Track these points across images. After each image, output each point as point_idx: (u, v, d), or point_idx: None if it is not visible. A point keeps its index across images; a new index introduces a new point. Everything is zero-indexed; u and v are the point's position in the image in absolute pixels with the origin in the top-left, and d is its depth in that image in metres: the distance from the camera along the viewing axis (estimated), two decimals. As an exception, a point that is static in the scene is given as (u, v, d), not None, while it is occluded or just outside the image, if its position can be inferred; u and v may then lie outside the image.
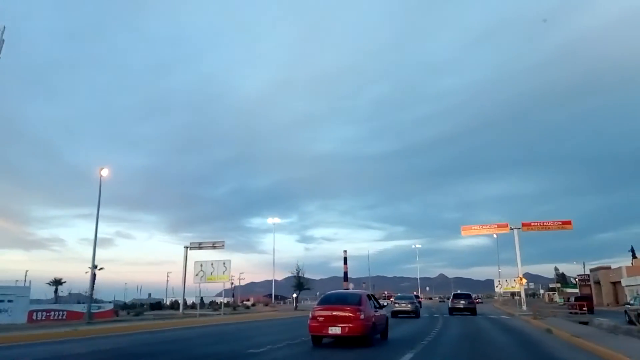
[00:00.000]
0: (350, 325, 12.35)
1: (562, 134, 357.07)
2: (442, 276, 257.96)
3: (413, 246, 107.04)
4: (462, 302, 34.20)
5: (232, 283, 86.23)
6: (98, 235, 31.05)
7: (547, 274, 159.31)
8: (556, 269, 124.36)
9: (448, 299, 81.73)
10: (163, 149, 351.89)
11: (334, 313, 12.67)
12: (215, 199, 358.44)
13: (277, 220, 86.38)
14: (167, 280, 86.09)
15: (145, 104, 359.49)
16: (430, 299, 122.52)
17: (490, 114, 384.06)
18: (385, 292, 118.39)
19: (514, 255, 44.61)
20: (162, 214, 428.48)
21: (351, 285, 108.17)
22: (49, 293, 59.15)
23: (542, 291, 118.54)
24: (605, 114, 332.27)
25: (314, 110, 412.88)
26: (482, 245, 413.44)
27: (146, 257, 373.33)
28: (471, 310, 33.51)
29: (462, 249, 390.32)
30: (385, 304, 33.46)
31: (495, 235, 65.10)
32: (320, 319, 12.75)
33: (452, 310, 34.02)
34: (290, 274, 61.72)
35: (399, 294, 39.67)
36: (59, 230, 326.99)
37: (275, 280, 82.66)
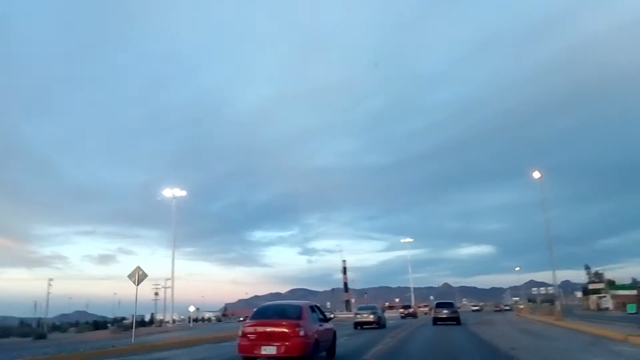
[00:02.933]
0: (287, 343, 10.27)
1: (562, 143, 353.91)
2: (446, 285, 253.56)
3: (408, 255, 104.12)
4: (445, 311, 33.25)
5: (156, 293, 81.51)
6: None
7: (549, 281, 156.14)
8: (588, 267, 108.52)
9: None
10: (161, 164, 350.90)
11: (268, 329, 10.54)
12: (216, 213, 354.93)
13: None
14: (156, 296, 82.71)
15: (144, 120, 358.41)
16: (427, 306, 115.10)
17: (486, 124, 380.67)
18: (387, 304, 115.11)
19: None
20: (162, 229, 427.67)
21: (349, 297, 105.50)
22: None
23: (579, 294, 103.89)
24: (607, 123, 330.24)
25: (311, 123, 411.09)
26: (484, 254, 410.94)
27: (149, 273, 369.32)
28: (455, 320, 32.65)
29: (465, 257, 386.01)
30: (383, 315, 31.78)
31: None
32: (252, 336, 10.60)
33: (436, 320, 33.02)
34: (295, 287, 60.97)
35: (361, 305, 37.82)
36: (61, 248, 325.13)
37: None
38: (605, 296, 78.37)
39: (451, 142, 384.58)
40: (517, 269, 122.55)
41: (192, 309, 75.61)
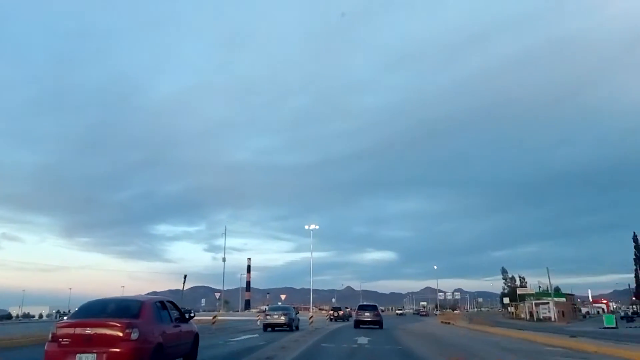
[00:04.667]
0: (113, 350, 7.77)
1: (464, 159, 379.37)
2: (349, 288, 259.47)
3: (302, 256, 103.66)
4: (367, 314, 32.18)
5: None
6: None
7: (445, 288, 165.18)
8: (505, 272, 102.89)
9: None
10: (63, 147, 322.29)
11: (89, 331, 7.88)
12: (119, 203, 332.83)
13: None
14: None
15: (47, 98, 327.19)
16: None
17: (403, 134, 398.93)
18: (348, 308, 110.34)
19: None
20: (56, 216, 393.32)
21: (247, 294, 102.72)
22: None
23: (506, 300, 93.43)
24: (501, 143, 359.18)
25: (231, 117, 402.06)
26: (386, 260, 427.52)
27: (37, 263, 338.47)
28: (378, 323, 31.61)
29: (369, 262, 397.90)
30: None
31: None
32: (65, 341, 7.88)
33: (358, 323, 31.76)
34: (197, 284, 57.55)
35: (271, 305, 35.31)
36: None
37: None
38: (547, 303, 72.54)
39: (367, 149, 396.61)
40: (435, 267, 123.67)
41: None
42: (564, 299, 79.45)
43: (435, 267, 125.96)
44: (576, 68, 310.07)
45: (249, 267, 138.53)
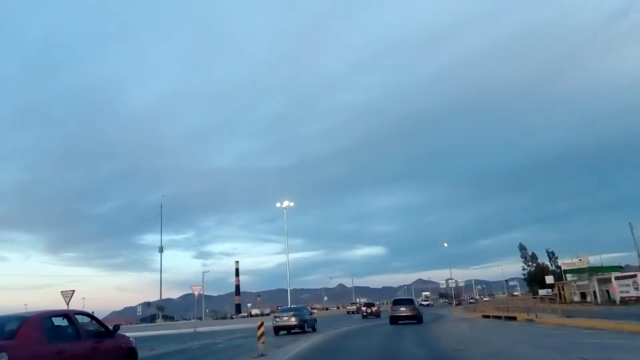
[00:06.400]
0: None
1: (447, 149, 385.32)
2: (341, 286, 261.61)
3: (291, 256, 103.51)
4: (403, 308, 30.32)
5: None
6: None
7: (435, 279, 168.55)
8: (524, 249, 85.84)
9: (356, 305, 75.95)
10: (40, 162, 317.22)
11: None
12: (102, 215, 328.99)
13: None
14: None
15: (19, 112, 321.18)
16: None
17: (383, 129, 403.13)
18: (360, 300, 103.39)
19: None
20: (39, 232, 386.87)
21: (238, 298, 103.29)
22: None
23: (549, 279, 67.25)
24: (484, 132, 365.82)
25: (210, 123, 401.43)
26: (376, 255, 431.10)
27: (22, 281, 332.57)
28: (416, 318, 29.72)
29: (358, 258, 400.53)
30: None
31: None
32: None
33: (395, 319, 29.87)
34: (188, 292, 56.45)
35: (281, 307, 33.02)
36: None
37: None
38: (634, 276, 49.18)
39: (350, 145, 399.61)
40: (445, 244, 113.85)
41: None
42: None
43: (445, 245, 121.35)
44: (545, 57, 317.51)
45: (237, 271, 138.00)
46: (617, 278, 52.66)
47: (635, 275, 49.57)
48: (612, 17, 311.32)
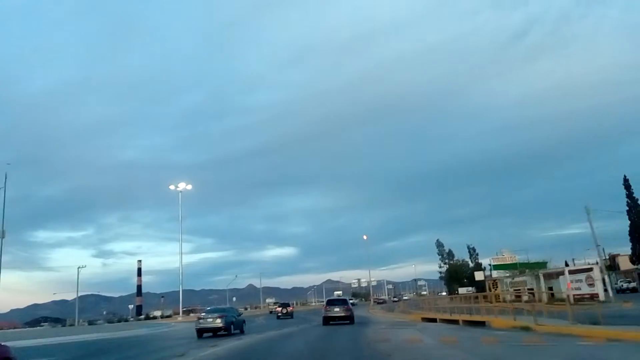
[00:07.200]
0: None
1: (360, 153, 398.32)
2: (251, 286, 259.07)
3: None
4: (337, 309, 30.41)
5: None
6: None
7: (344, 279, 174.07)
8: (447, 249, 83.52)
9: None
10: None
11: None
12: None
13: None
14: None
15: None
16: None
17: (299, 130, 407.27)
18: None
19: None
20: None
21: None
22: None
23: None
24: (398, 136, 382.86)
25: (118, 114, 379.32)
26: (287, 256, 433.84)
27: None
28: (348, 319, 29.76)
29: (270, 259, 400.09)
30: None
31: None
32: None
33: (328, 320, 29.89)
34: (86, 293, 53.03)
35: (208, 307, 30.36)
36: None
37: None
38: (589, 270, 41.48)
39: (264, 145, 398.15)
40: (365, 237, 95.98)
41: None
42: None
43: (365, 237, 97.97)
44: (457, 68, 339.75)
45: (139, 270, 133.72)
46: (571, 272, 44.33)
47: (590, 269, 41.72)
48: (515, 36, 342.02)
